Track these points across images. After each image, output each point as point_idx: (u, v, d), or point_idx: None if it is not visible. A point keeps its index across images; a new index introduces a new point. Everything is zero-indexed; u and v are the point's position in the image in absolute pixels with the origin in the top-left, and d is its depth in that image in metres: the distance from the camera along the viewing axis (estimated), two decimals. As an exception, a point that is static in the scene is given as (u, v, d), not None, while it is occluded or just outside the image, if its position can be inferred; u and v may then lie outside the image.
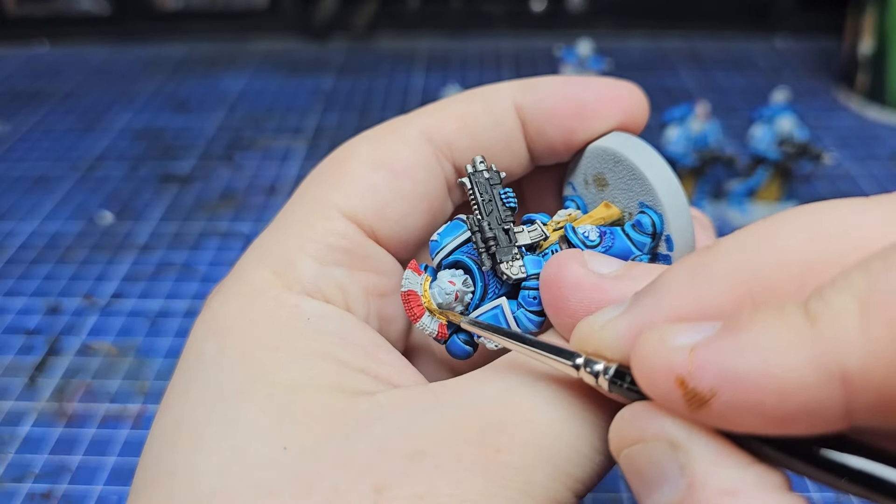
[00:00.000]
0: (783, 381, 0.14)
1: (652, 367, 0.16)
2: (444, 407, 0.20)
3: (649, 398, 0.17)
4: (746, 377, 0.14)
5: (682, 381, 0.15)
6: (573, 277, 0.20)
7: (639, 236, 0.24)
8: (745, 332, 0.15)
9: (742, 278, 0.16)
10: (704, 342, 0.15)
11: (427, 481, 0.18)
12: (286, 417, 0.20)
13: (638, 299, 0.18)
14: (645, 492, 0.17)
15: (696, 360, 0.15)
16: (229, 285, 0.24)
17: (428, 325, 0.24)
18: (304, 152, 0.72)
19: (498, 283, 0.24)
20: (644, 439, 0.17)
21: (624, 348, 0.18)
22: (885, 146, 0.70)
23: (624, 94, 0.26)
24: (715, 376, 0.15)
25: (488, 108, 0.26)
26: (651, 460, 0.16)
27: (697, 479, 0.15)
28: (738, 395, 0.14)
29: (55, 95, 0.84)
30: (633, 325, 0.18)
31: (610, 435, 0.18)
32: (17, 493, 0.39)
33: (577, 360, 0.18)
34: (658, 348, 0.16)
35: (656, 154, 0.24)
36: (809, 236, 0.16)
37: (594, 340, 0.18)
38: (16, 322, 0.51)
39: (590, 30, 0.92)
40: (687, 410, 0.15)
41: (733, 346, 0.15)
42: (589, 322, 0.19)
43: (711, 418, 0.15)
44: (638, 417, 0.17)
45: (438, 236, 0.24)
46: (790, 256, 0.16)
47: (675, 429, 0.16)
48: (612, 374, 0.18)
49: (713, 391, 0.15)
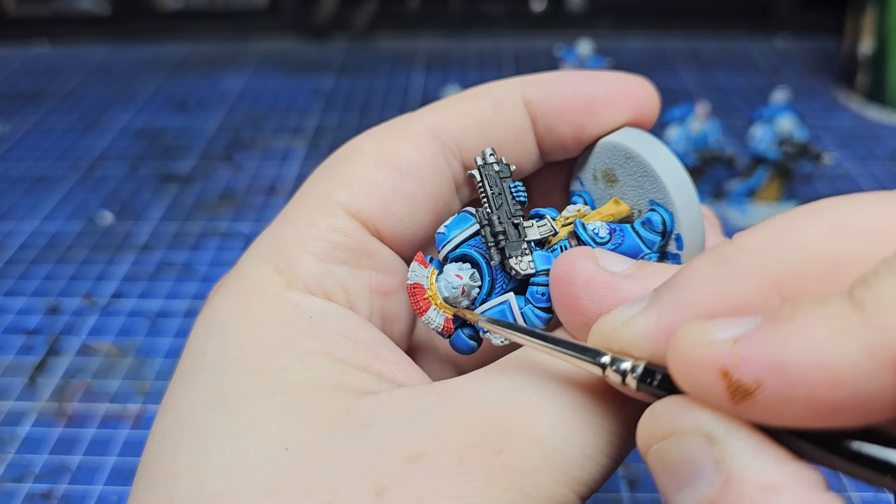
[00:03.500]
0: (833, 369, 0.14)
1: (693, 360, 0.15)
2: (447, 407, 0.20)
3: (680, 394, 0.16)
4: (794, 367, 0.14)
5: (726, 372, 0.15)
6: (585, 275, 0.20)
7: (648, 234, 0.24)
8: (789, 322, 0.14)
9: (768, 272, 0.16)
10: (748, 334, 0.15)
11: (428, 483, 0.18)
12: (287, 418, 0.20)
13: (660, 295, 0.18)
14: (675, 488, 0.16)
15: (740, 351, 0.15)
16: (230, 283, 0.24)
17: (434, 319, 0.23)
18: (304, 152, 0.72)
19: (505, 278, 0.23)
20: (678, 433, 0.16)
21: (651, 345, 0.17)
22: (885, 146, 0.70)
23: (635, 88, 0.25)
24: (761, 367, 0.14)
25: (497, 104, 0.26)
26: (684, 455, 0.16)
27: (735, 474, 0.15)
28: (785, 386, 0.14)
29: (55, 95, 0.84)
30: (659, 322, 0.17)
31: (639, 430, 0.17)
32: (17, 493, 0.39)
33: (603, 359, 0.18)
34: (699, 342, 0.15)
35: (668, 151, 0.24)
36: (833, 230, 0.16)
37: (619, 338, 0.18)
38: (16, 322, 0.51)
39: (590, 30, 0.92)
40: (729, 404, 0.15)
41: (779, 336, 0.14)
42: (609, 320, 0.18)
43: (754, 411, 0.15)
44: (671, 411, 0.16)
45: (446, 229, 0.24)
46: (815, 250, 0.16)
47: (713, 422, 0.16)
48: (641, 372, 0.17)
49: (759, 382, 0.14)
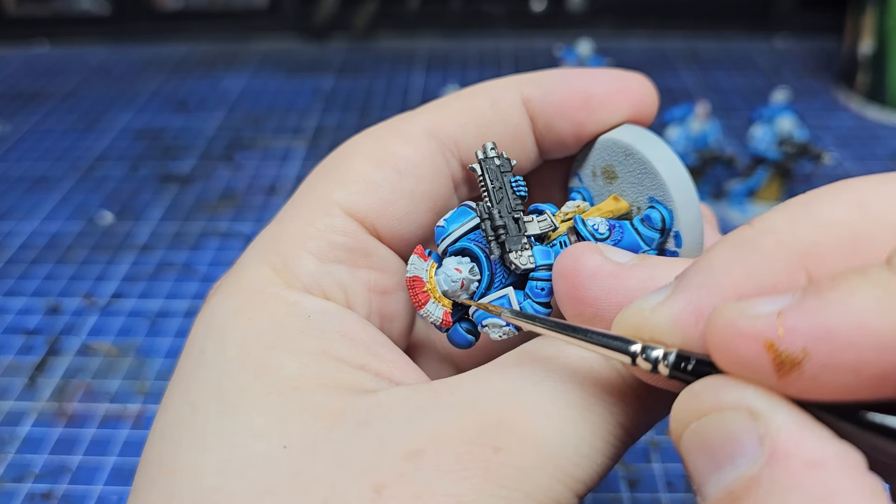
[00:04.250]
0: (881, 332, 0.14)
1: (736, 335, 0.15)
2: (445, 405, 0.20)
3: (718, 375, 0.16)
4: (842, 333, 0.14)
5: (772, 344, 0.15)
6: (591, 266, 0.20)
7: (648, 231, 0.24)
8: (832, 292, 0.14)
9: (792, 251, 0.16)
10: (792, 306, 0.15)
11: (426, 481, 0.18)
12: (286, 416, 0.20)
13: (686, 280, 0.17)
14: (712, 467, 0.16)
15: (785, 322, 0.15)
16: (229, 282, 0.24)
17: (432, 313, 0.23)
18: (304, 152, 0.72)
19: (505, 273, 0.23)
20: (719, 410, 0.16)
21: (683, 330, 0.17)
22: (885, 146, 0.70)
23: (633, 85, 0.25)
24: (807, 336, 0.14)
25: (495, 103, 0.26)
26: (725, 432, 0.16)
27: (780, 449, 0.15)
28: (833, 354, 0.14)
29: (55, 95, 0.84)
30: (689, 305, 0.17)
31: (674, 410, 0.17)
32: (17, 493, 0.39)
33: (633, 348, 0.17)
34: (741, 317, 0.15)
35: (668, 149, 0.24)
36: (853, 207, 0.16)
37: (648, 326, 0.17)
38: (16, 322, 0.51)
39: (590, 30, 0.92)
40: (774, 377, 0.15)
41: (823, 306, 0.14)
42: (636, 308, 0.18)
43: (801, 384, 0.15)
44: (712, 388, 0.16)
45: (445, 222, 0.24)
46: (836, 228, 0.16)
47: (757, 397, 0.15)
48: (674, 359, 0.17)
49: (806, 352, 0.14)
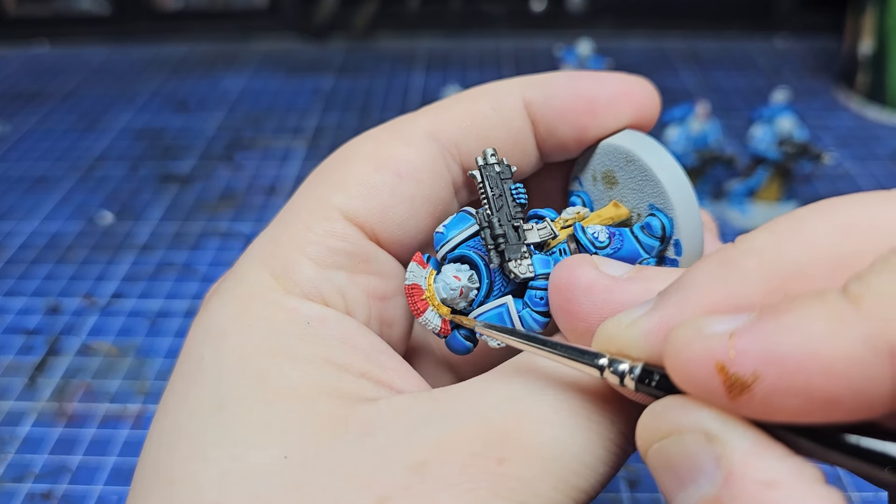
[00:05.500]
0: (831, 359, 0.14)
1: (689, 356, 0.15)
2: (448, 415, 0.19)
3: (679, 394, 0.16)
4: (792, 358, 0.14)
5: (723, 367, 0.15)
6: (586, 280, 0.20)
7: (648, 239, 0.24)
8: (786, 315, 0.14)
9: (772, 273, 0.16)
10: (744, 327, 0.15)
11: (430, 493, 0.18)
12: (286, 426, 0.20)
13: (665, 296, 0.18)
14: (677, 487, 0.16)
15: (736, 344, 0.15)
16: (227, 287, 0.23)
17: (431, 321, 0.23)
18: (304, 152, 0.72)
19: (504, 281, 0.23)
20: (677, 431, 0.16)
21: (652, 346, 0.17)
22: (885, 146, 0.70)
23: (636, 89, 0.25)
24: (757, 359, 0.14)
25: (497, 105, 0.25)
26: (684, 453, 0.16)
27: (735, 470, 0.15)
28: (783, 378, 0.14)
29: (55, 95, 0.84)
30: (662, 322, 0.17)
31: (638, 430, 0.17)
32: (17, 493, 0.39)
33: (601, 361, 0.18)
34: (695, 337, 0.15)
35: (670, 156, 0.24)
36: (838, 229, 0.16)
37: (620, 339, 0.18)
38: (16, 322, 0.51)
39: (590, 30, 0.92)
40: (726, 399, 0.15)
41: (776, 329, 0.14)
42: (614, 322, 0.18)
43: (752, 405, 0.15)
44: (670, 410, 0.16)
45: (444, 228, 0.24)
46: (820, 249, 0.16)
47: (711, 420, 0.16)
48: (639, 373, 0.17)
49: (756, 375, 0.14)
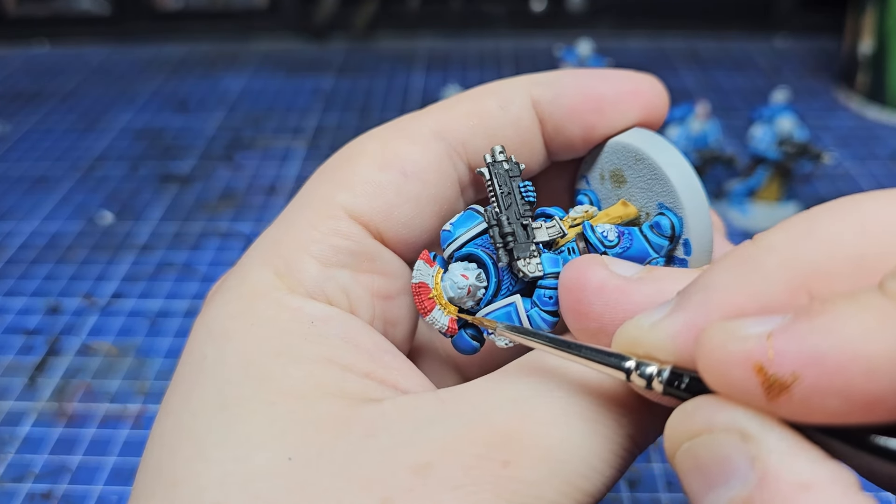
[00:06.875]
0: (873, 358, 0.14)
1: (725, 358, 0.15)
2: (452, 417, 0.19)
3: (710, 395, 0.16)
4: (832, 358, 0.14)
5: (761, 367, 0.15)
6: (597, 280, 0.20)
7: (657, 238, 0.23)
8: (824, 315, 0.14)
9: (795, 271, 0.16)
10: (781, 328, 0.15)
11: (434, 496, 0.18)
12: (290, 426, 0.19)
13: (687, 297, 0.17)
14: (706, 487, 0.16)
15: (775, 345, 0.15)
16: (230, 286, 0.23)
17: (438, 320, 0.23)
18: (304, 152, 0.72)
19: (512, 280, 0.23)
20: (709, 431, 0.16)
21: (679, 348, 0.17)
22: (885, 146, 0.70)
23: (645, 87, 0.25)
24: (797, 360, 0.14)
25: (504, 104, 0.25)
26: (717, 453, 0.16)
27: (771, 471, 0.15)
28: (823, 378, 0.14)
29: (55, 95, 0.84)
30: (687, 324, 0.17)
31: (667, 430, 0.17)
32: (17, 493, 0.39)
33: (627, 364, 0.17)
34: (729, 338, 0.15)
35: (679, 154, 0.24)
36: (858, 227, 0.16)
37: (645, 342, 0.17)
38: (16, 322, 0.51)
39: (590, 30, 0.92)
40: (764, 399, 0.15)
41: (814, 329, 0.14)
42: (635, 324, 0.18)
43: (790, 406, 0.15)
44: (703, 409, 0.16)
45: (452, 226, 0.24)
46: (839, 248, 0.16)
47: (747, 419, 0.15)
48: (668, 376, 0.17)
49: (795, 376, 0.14)
